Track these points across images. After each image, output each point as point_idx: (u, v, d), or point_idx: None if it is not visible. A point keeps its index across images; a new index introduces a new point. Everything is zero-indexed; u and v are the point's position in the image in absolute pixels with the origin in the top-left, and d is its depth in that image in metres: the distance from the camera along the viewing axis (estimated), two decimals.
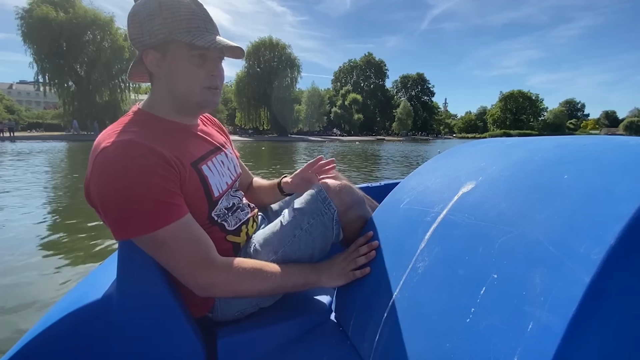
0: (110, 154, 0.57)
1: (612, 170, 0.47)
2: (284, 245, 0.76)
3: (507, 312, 0.41)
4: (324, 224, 0.77)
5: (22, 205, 3.75)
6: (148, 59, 0.68)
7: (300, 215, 0.77)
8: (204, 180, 0.70)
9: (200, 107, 0.73)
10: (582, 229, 0.41)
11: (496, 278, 0.45)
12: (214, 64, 0.70)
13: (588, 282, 0.36)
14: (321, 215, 0.77)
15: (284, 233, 0.77)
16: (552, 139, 0.67)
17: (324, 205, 0.77)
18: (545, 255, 0.42)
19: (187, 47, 0.66)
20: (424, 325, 0.51)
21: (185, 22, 0.65)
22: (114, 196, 0.57)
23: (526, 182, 0.54)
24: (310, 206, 0.78)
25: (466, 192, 0.61)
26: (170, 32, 0.65)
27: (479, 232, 0.52)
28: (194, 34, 0.65)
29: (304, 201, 0.79)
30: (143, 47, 0.67)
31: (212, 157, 0.77)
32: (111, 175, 0.57)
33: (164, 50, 0.67)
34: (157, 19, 0.65)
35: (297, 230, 0.76)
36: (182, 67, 0.67)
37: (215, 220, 0.74)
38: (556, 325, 0.36)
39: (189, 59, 0.67)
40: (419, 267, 0.58)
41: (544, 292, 0.39)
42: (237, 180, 0.87)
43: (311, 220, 0.77)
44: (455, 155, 0.83)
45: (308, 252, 0.78)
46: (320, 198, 0.78)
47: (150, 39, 0.66)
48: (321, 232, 0.77)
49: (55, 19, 26.74)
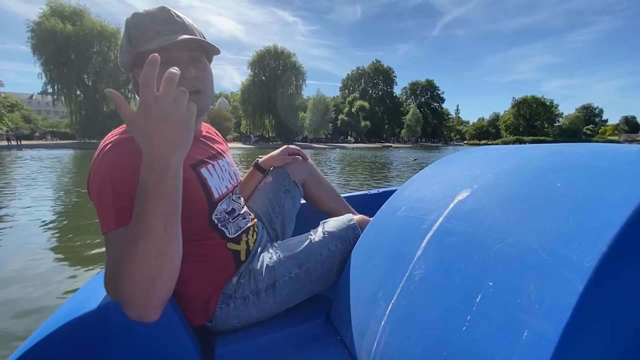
0: (107, 152, 0.60)
1: (603, 178, 0.47)
2: (309, 262, 0.82)
3: (503, 319, 0.41)
4: (349, 250, 0.84)
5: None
6: (138, 78, 0.65)
7: (330, 238, 0.86)
8: (203, 182, 0.71)
9: None
10: (574, 237, 0.41)
11: (492, 286, 0.45)
12: (182, 66, 0.66)
13: (581, 289, 0.36)
14: (348, 242, 0.86)
15: (312, 250, 0.83)
16: (545, 147, 0.68)
17: (353, 234, 0.87)
18: (539, 262, 0.42)
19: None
20: (422, 333, 0.52)
21: (148, 31, 0.65)
22: (95, 189, 0.59)
23: (520, 190, 0.55)
24: (341, 232, 0.87)
25: (461, 200, 0.61)
26: (135, 45, 0.66)
27: (474, 240, 0.53)
28: (153, 40, 0.64)
29: (336, 226, 0.89)
30: (127, 68, 0.70)
31: (212, 161, 0.78)
32: (101, 170, 0.59)
33: (142, 64, 0.63)
34: (125, 37, 0.68)
35: (325, 250, 0.84)
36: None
37: (216, 224, 0.74)
38: (550, 332, 0.36)
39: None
40: (415, 274, 0.58)
41: (538, 299, 0.39)
42: (237, 186, 0.88)
43: (339, 245, 0.85)
44: (451, 163, 0.83)
45: (327, 273, 0.84)
46: (351, 227, 0.88)
47: (128, 58, 0.68)
48: (344, 256, 0.85)
49: (62, 30, 27.65)
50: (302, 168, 1.16)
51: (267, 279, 0.79)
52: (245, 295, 0.78)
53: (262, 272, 0.80)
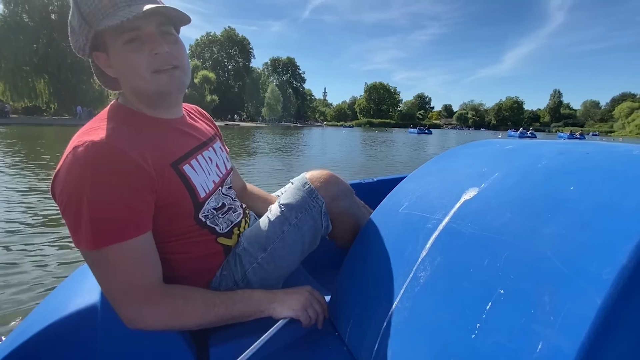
0: (81, 155, 0.53)
1: (619, 184, 0.45)
2: (272, 242, 0.75)
3: (515, 330, 0.40)
4: (313, 217, 0.76)
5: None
6: (101, 62, 0.63)
7: (288, 210, 0.76)
8: (186, 182, 0.65)
9: (161, 95, 0.64)
10: (591, 246, 0.39)
11: (503, 293, 0.43)
12: (153, 41, 0.59)
13: (600, 303, 0.34)
14: (309, 208, 0.76)
15: (272, 229, 0.75)
16: (553, 145, 0.66)
17: (311, 197, 0.76)
18: (553, 272, 0.40)
19: (116, 33, 0.58)
20: (427, 337, 0.50)
21: (104, 3, 0.56)
22: (70, 201, 0.53)
23: (531, 191, 0.52)
24: (297, 200, 0.76)
25: (468, 199, 0.59)
26: (91, 24, 0.57)
27: (483, 243, 0.51)
28: (112, 15, 0.56)
29: (290, 195, 0.78)
30: (85, 52, 0.62)
31: (196, 154, 0.71)
32: (74, 177, 0.52)
33: (104, 47, 0.61)
34: (76, 15, 0.58)
35: (286, 225, 0.75)
36: (121, 58, 0.60)
37: (204, 222, 0.70)
38: (567, 347, 0.34)
39: (122, 46, 0.59)
40: (420, 276, 0.56)
41: (554, 311, 0.38)
42: (227, 177, 0.81)
43: (299, 215, 0.76)
44: (455, 158, 0.80)
45: (298, 247, 0.76)
46: (307, 190, 0.77)
47: (83, 41, 0.60)
48: (310, 225, 0.76)
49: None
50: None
51: (239, 269, 0.75)
52: (229, 286, 0.75)
53: (236, 263, 0.76)
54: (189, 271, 0.70)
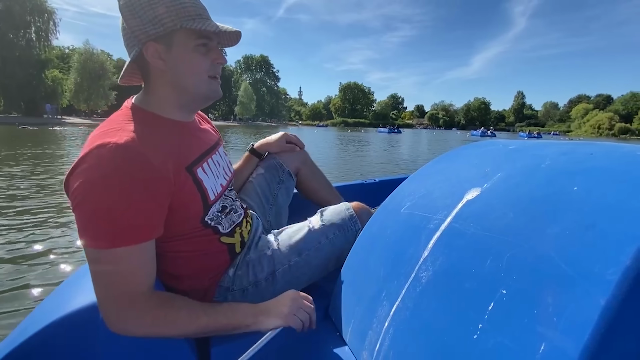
0: (105, 156, 0.54)
1: (623, 184, 0.45)
2: (308, 249, 0.83)
3: (518, 330, 0.39)
4: (347, 238, 0.86)
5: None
6: (150, 53, 0.62)
7: (328, 226, 0.87)
8: (199, 185, 0.68)
9: (206, 98, 0.71)
10: (595, 247, 0.39)
11: (505, 294, 0.43)
12: (218, 53, 0.68)
13: (603, 304, 0.34)
14: (346, 230, 0.88)
15: (311, 238, 0.85)
16: (555, 145, 0.66)
17: (351, 221, 0.89)
18: (557, 272, 0.40)
19: (194, 36, 0.64)
20: (429, 338, 0.50)
21: (190, 9, 0.62)
22: (86, 198, 0.54)
23: (534, 192, 0.52)
24: (339, 221, 0.88)
25: (471, 199, 0.59)
26: (178, 20, 0.61)
27: (485, 244, 0.50)
28: (199, 21, 0.63)
29: (334, 213, 0.90)
30: (147, 38, 0.62)
31: (207, 158, 0.74)
32: (96, 175, 0.53)
33: (169, 41, 0.62)
34: (160, 7, 0.60)
35: (323, 238, 0.85)
36: (189, 57, 0.64)
37: (209, 224, 0.72)
38: (570, 348, 0.34)
39: (194, 47, 0.64)
40: (422, 276, 0.56)
41: (557, 312, 0.37)
42: (232, 180, 0.86)
43: (337, 232, 0.86)
44: (457, 158, 0.81)
45: (327, 261, 0.85)
46: (349, 214, 0.90)
47: (155, 28, 0.61)
48: (342, 244, 0.86)
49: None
50: (296, 157, 1.15)
51: (266, 268, 0.80)
52: (244, 286, 0.78)
53: (261, 262, 0.80)
54: (193, 269, 0.72)
